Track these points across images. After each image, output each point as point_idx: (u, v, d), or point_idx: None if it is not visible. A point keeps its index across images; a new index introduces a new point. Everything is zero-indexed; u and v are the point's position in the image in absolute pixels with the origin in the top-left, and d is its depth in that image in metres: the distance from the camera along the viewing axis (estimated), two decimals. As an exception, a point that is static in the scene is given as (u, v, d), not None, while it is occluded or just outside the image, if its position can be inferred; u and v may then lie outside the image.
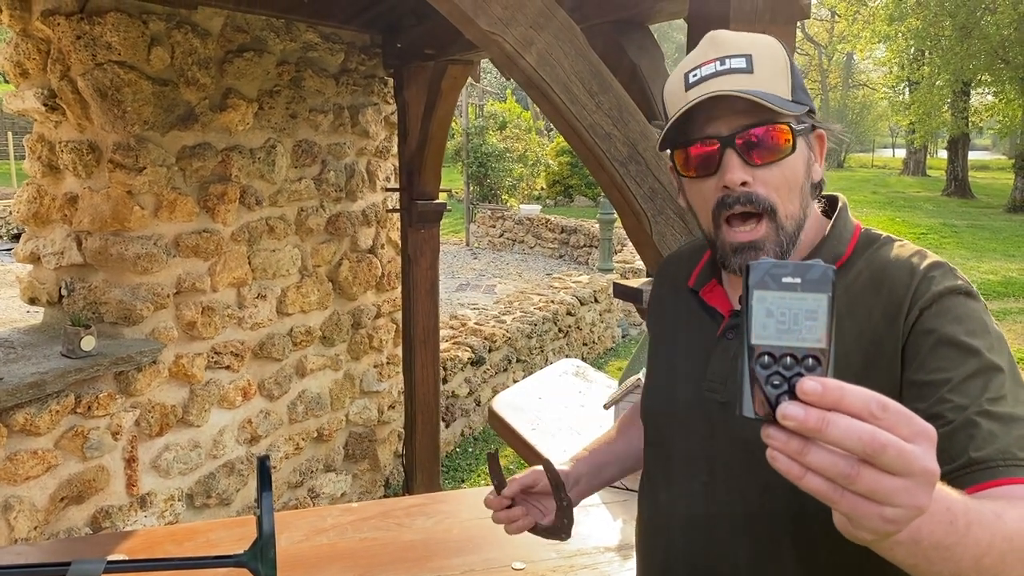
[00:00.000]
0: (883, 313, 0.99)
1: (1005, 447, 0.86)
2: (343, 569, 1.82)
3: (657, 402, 1.22)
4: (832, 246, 1.08)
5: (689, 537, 1.12)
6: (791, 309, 0.64)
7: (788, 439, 0.63)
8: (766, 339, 0.64)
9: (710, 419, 1.11)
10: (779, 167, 1.03)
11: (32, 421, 2.97)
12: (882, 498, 0.62)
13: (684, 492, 1.13)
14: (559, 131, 1.92)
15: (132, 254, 3.34)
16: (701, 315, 1.18)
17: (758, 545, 1.06)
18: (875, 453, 0.60)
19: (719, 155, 1.03)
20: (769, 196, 1.03)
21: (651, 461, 1.24)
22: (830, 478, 0.62)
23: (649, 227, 1.88)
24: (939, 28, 23.06)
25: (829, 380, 0.62)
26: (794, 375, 0.63)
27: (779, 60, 1.05)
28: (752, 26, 1.85)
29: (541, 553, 1.90)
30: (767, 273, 0.64)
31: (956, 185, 26.30)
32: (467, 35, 1.81)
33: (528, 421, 2.75)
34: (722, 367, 1.11)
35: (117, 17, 3.18)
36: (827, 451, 0.61)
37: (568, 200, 20.30)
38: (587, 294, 7.88)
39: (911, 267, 1.01)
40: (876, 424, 0.60)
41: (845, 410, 0.61)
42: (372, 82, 4.61)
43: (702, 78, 1.03)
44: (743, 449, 1.06)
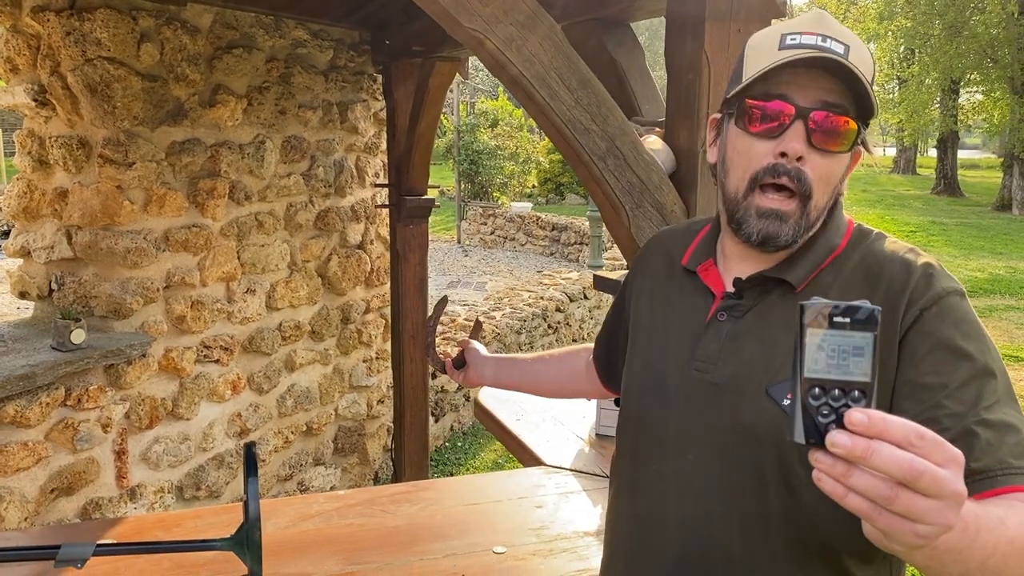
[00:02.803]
0: (885, 300, 1.03)
1: (1002, 457, 0.93)
2: (329, 554, 1.87)
3: (643, 380, 1.24)
4: (828, 238, 1.12)
5: (678, 513, 1.14)
6: (840, 346, 0.70)
7: (834, 463, 0.69)
8: (817, 372, 0.71)
9: (698, 398, 1.13)
10: (830, 159, 1.06)
11: (22, 413, 3.00)
12: (916, 517, 0.68)
13: (671, 470, 1.15)
14: (540, 127, 1.96)
15: (122, 248, 3.38)
16: (694, 294, 1.20)
17: (746, 520, 1.08)
18: (913, 479, 0.66)
19: (789, 122, 1.04)
20: (813, 179, 1.05)
21: (632, 439, 1.25)
22: (871, 499, 0.69)
23: (627, 220, 1.92)
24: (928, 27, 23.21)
25: (874, 412, 0.68)
26: (842, 406, 0.70)
27: (868, 64, 1.06)
28: (727, 24, 1.90)
29: (522, 538, 1.95)
30: (819, 312, 0.70)
31: (945, 183, 26.45)
32: (451, 34, 1.85)
33: (513, 412, 2.80)
34: (711, 348, 1.13)
35: (107, 13, 3.20)
36: (869, 475, 0.68)
37: (559, 198, 20.37)
38: (576, 291, 7.93)
39: (907, 264, 1.05)
40: (913, 451, 0.67)
41: (887, 439, 0.67)
42: (361, 79, 4.65)
43: (801, 44, 1.04)
44: (731, 428, 1.09)
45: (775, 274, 1.11)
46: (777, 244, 1.08)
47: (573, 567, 1.82)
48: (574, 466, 2.36)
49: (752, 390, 1.08)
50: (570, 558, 1.86)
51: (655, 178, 1.93)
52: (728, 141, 1.13)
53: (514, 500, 2.15)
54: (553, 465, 2.36)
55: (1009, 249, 15.34)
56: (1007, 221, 20.01)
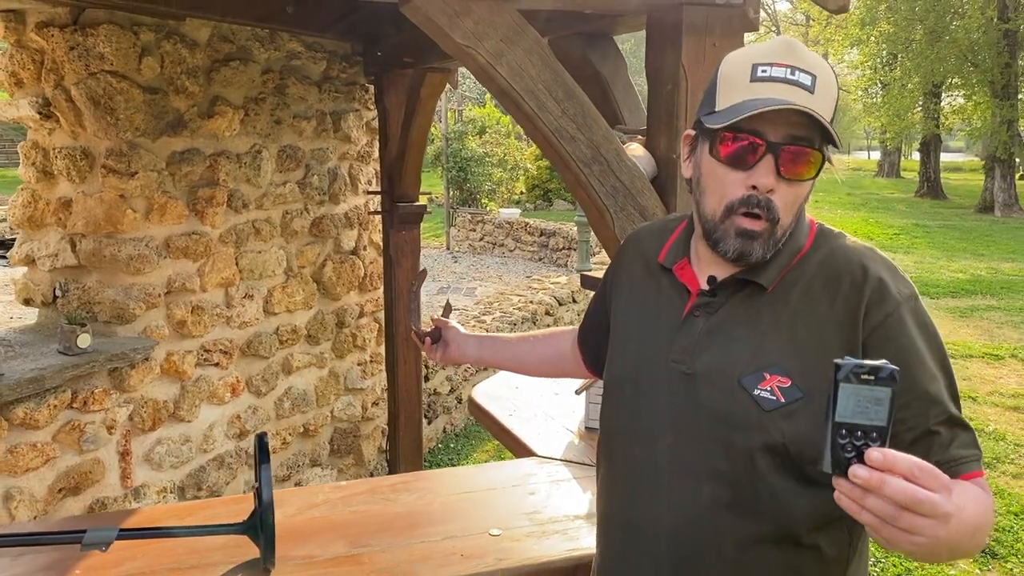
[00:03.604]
0: (845, 303, 1.16)
1: (955, 452, 1.12)
2: (335, 538, 1.98)
3: (624, 371, 1.35)
4: (794, 240, 1.23)
5: (657, 493, 1.25)
6: (865, 397, 0.89)
7: (852, 488, 0.90)
8: (845, 418, 0.90)
9: (675, 388, 1.24)
10: (797, 186, 1.17)
11: (31, 415, 3.10)
12: (915, 532, 0.88)
13: (651, 454, 1.26)
14: (528, 135, 2.09)
15: (125, 255, 3.49)
16: (670, 291, 1.31)
17: (718, 498, 1.19)
18: (913, 504, 0.87)
19: (760, 156, 1.15)
20: (780, 207, 1.17)
21: (615, 425, 1.37)
22: (880, 517, 0.89)
23: (612, 222, 2.06)
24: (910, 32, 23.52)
25: (887, 451, 0.88)
26: (862, 444, 0.89)
27: (833, 88, 1.17)
28: (703, 39, 2.04)
29: (516, 522, 2.07)
30: (851, 371, 0.89)
31: (928, 186, 26.77)
32: (443, 48, 1.98)
33: (506, 409, 2.92)
34: (688, 341, 1.24)
35: (110, 29, 3.32)
36: (879, 499, 0.88)
37: (547, 204, 20.52)
38: (565, 295, 8.06)
39: (863, 275, 1.17)
40: (915, 482, 0.87)
41: (896, 472, 0.87)
42: (353, 89, 4.77)
43: (771, 77, 1.14)
44: (706, 415, 1.20)
45: (747, 276, 1.22)
46: (749, 261, 1.19)
47: (565, 547, 1.94)
48: (565, 456, 2.48)
49: (725, 381, 1.19)
50: (562, 539, 1.98)
51: (637, 183, 2.06)
52: (702, 164, 1.23)
53: (508, 488, 2.27)
54: (545, 456, 2.48)
55: (991, 250, 15.59)
56: (989, 223, 20.30)
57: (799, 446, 1.14)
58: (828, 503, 1.16)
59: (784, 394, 1.15)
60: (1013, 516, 4.82)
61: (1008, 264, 13.98)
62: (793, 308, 1.19)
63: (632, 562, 1.30)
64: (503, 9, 1.90)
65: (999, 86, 22.08)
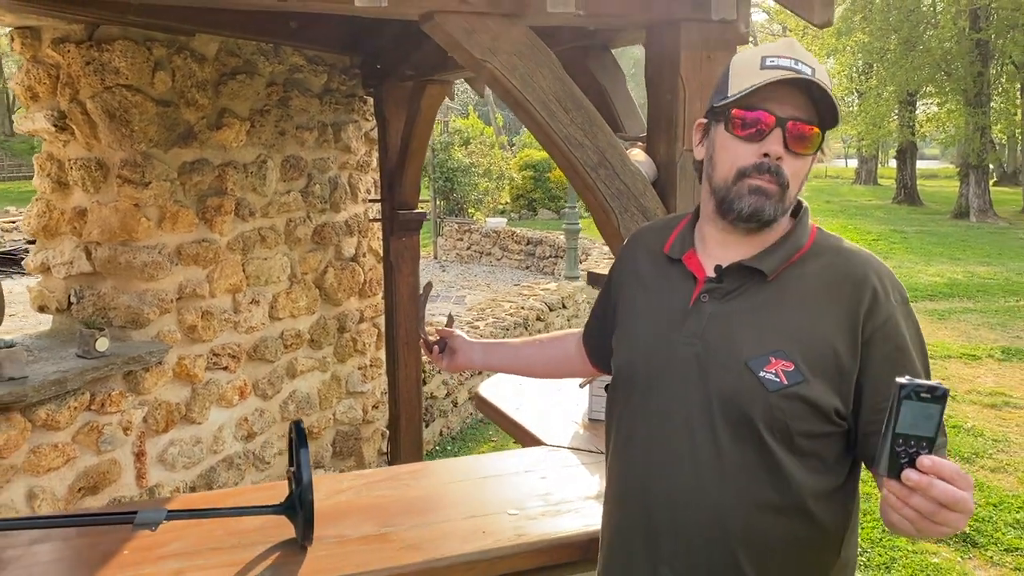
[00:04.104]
0: (847, 304, 1.31)
1: None
2: (362, 520, 2.12)
3: (635, 355, 1.47)
4: (797, 238, 1.38)
5: (668, 467, 1.38)
6: (921, 413, 1.05)
7: (901, 488, 1.06)
8: (903, 429, 1.06)
9: (685, 370, 1.37)
10: (801, 160, 1.34)
11: (53, 416, 3.22)
12: (946, 524, 1.06)
13: (662, 431, 1.39)
14: (540, 142, 2.25)
15: (140, 262, 3.61)
16: (678, 279, 1.44)
17: (727, 471, 1.32)
18: (952, 503, 1.04)
19: (770, 129, 1.31)
20: (788, 175, 1.33)
21: (626, 406, 1.49)
22: (921, 513, 1.06)
23: (617, 222, 2.21)
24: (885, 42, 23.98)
25: (935, 458, 1.05)
26: (914, 452, 1.06)
27: (828, 83, 1.34)
28: (699, 52, 2.20)
29: (531, 503, 2.21)
30: (912, 390, 1.05)
31: (905, 193, 27.22)
32: (460, 61, 2.14)
33: (512, 403, 3.07)
34: (697, 325, 1.37)
35: (125, 44, 3.45)
36: (924, 499, 1.05)
37: (532, 213, 20.72)
38: (555, 300, 8.23)
39: (862, 283, 1.32)
40: (954, 485, 1.04)
41: (941, 476, 1.04)
42: (353, 101, 4.92)
43: (778, 65, 1.31)
44: (715, 393, 1.33)
45: (751, 264, 1.36)
46: (761, 218, 1.34)
47: (579, 523, 2.09)
48: (572, 445, 2.63)
49: (733, 362, 1.33)
50: (575, 517, 2.13)
51: (639, 185, 2.23)
52: (716, 142, 1.38)
53: (521, 473, 2.41)
54: (553, 445, 2.63)
55: (967, 255, 15.93)
56: (964, 228, 20.70)
57: (798, 424, 1.29)
58: (826, 478, 1.33)
59: (787, 377, 1.29)
60: (992, 508, 5.01)
61: (983, 268, 14.31)
62: (796, 300, 1.34)
63: (645, 533, 1.41)
64: (516, 26, 2.06)
65: (972, 94, 22.56)
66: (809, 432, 1.30)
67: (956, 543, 4.58)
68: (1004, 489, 5.30)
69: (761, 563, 1.33)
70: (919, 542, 4.58)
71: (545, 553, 2.01)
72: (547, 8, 1.96)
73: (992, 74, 23.01)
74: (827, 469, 1.34)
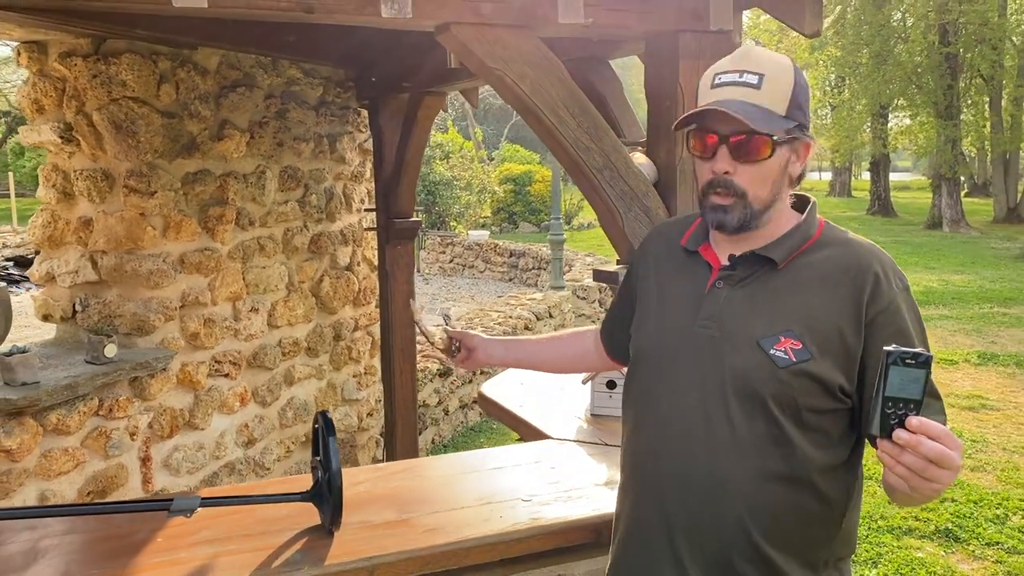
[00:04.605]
0: (851, 293, 1.41)
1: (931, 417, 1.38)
2: (383, 507, 2.21)
3: (655, 337, 1.58)
4: (805, 228, 1.50)
5: (685, 441, 1.46)
6: (907, 377, 1.15)
7: (892, 447, 1.16)
8: (892, 392, 1.15)
9: (701, 349, 1.47)
10: (756, 166, 1.43)
11: (63, 421, 3.28)
12: (936, 480, 1.15)
13: (680, 407, 1.48)
14: (548, 146, 2.37)
15: (145, 270, 3.69)
16: (695, 268, 1.55)
17: (740, 443, 1.42)
18: (939, 459, 1.13)
19: (716, 147, 1.43)
20: (743, 184, 1.43)
21: (645, 384, 1.58)
22: (911, 470, 1.15)
23: (622, 222, 2.33)
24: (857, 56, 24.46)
25: (923, 418, 1.14)
26: (903, 413, 1.15)
27: (785, 82, 1.42)
28: (696, 61, 2.33)
29: (543, 489, 2.31)
30: (898, 356, 1.15)
31: (879, 204, 27.68)
32: (472, 70, 2.26)
33: (516, 401, 3.17)
34: (713, 309, 1.48)
35: (131, 58, 3.54)
36: (914, 456, 1.14)
37: (513, 227, 20.87)
38: (542, 310, 8.34)
39: (866, 270, 1.43)
40: (941, 443, 1.13)
41: (928, 435, 1.13)
42: (347, 113, 5.03)
43: (723, 83, 1.43)
44: (729, 371, 1.43)
45: (763, 252, 1.48)
46: (726, 229, 1.46)
47: (589, 508, 2.19)
48: (577, 438, 2.74)
49: (745, 342, 1.43)
50: (586, 502, 2.23)
51: (642, 187, 2.35)
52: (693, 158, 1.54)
53: (531, 464, 2.51)
54: (559, 438, 2.74)
55: (941, 264, 16.26)
56: (938, 238, 21.10)
57: (805, 399, 1.40)
58: (831, 453, 1.44)
59: (796, 355, 1.39)
60: (972, 504, 5.17)
61: (958, 276, 14.61)
62: (805, 285, 1.45)
63: (660, 507, 1.51)
64: (526, 37, 2.19)
65: (942, 107, 23.05)
66: (816, 408, 1.41)
67: (939, 538, 4.73)
68: (984, 487, 5.45)
69: (769, 533, 1.42)
70: (904, 537, 4.72)
71: (559, 535, 2.12)
72: (559, 19, 2.07)
73: (961, 87, 23.53)
74: (832, 445, 1.44)
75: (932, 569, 4.37)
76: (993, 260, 16.86)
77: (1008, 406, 7.12)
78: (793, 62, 1.48)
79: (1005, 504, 5.13)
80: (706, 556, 1.45)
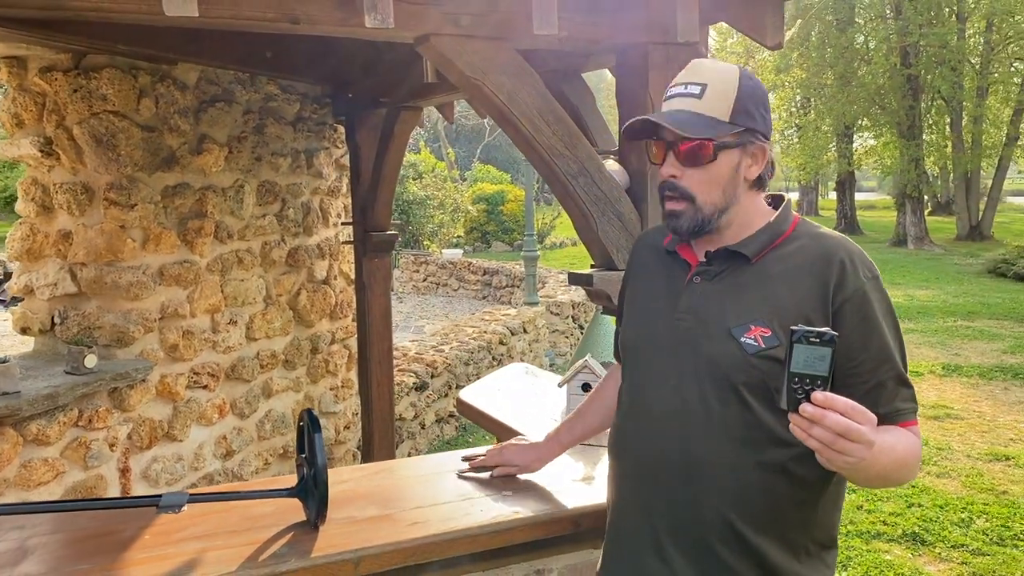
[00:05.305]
0: (817, 281, 1.49)
1: (897, 405, 1.48)
2: (366, 504, 2.26)
3: (638, 332, 1.69)
4: (776, 225, 1.59)
5: (666, 425, 1.55)
6: (812, 354, 1.21)
7: (802, 420, 1.22)
8: (798, 368, 1.21)
9: (680, 340, 1.56)
10: (703, 170, 1.53)
11: (43, 431, 3.29)
12: (846, 453, 1.21)
13: (661, 394, 1.57)
14: (524, 154, 2.46)
15: (125, 282, 3.72)
16: (675, 267, 1.65)
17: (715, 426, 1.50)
18: (846, 432, 1.20)
19: (664, 154, 1.55)
20: (691, 188, 1.54)
21: (632, 374, 1.69)
22: (822, 442, 1.21)
23: (596, 226, 2.42)
24: (822, 77, 24.99)
25: (828, 393, 1.21)
26: (810, 388, 1.21)
27: (727, 90, 1.50)
28: (664, 72, 2.43)
29: (524, 486, 2.38)
30: (802, 335, 1.21)
31: (846, 223, 28.16)
32: (451, 80, 2.35)
33: (493, 406, 3.24)
34: (690, 302, 1.57)
35: (112, 72, 3.60)
36: (822, 429, 1.21)
37: (486, 245, 20.97)
38: (516, 325, 8.42)
39: (832, 261, 1.51)
40: (848, 416, 1.20)
41: (834, 409, 1.20)
42: (324, 128, 5.10)
43: (672, 95, 1.54)
44: (704, 359, 1.52)
45: (736, 248, 1.57)
46: (680, 231, 1.58)
47: (568, 502, 2.25)
48: (553, 438, 2.81)
49: (719, 331, 1.52)
50: (565, 496, 2.28)
51: (615, 192, 2.44)
52: None
53: (510, 462, 2.58)
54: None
55: (906, 280, 16.61)
56: (903, 255, 21.52)
57: (775, 382, 1.46)
58: None
59: (764, 341, 1.48)
60: (938, 509, 5.30)
61: (922, 292, 14.94)
62: (775, 277, 1.54)
63: (642, 492, 1.60)
64: (503, 48, 2.28)
65: (905, 127, 23.60)
66: None
67: (907, 542, 4.85)
68: (949, 492, 5.59)
69: (746, 514, 1.50)
70: (872, 540, 4.83)
71: (540, 527, 2.18)
72: (534, 30, 2.17)
73: (923, 108, 24.10)
74: None
75: (900, 571, 4.48)
76: (956, 276, 17.25)
77: (971, 415, 7.30)
78: (742, 70, 1.56)
79: (970, 508, 5.27)
80: (686, 540, 1.53)
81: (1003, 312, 12.48)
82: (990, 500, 5.40)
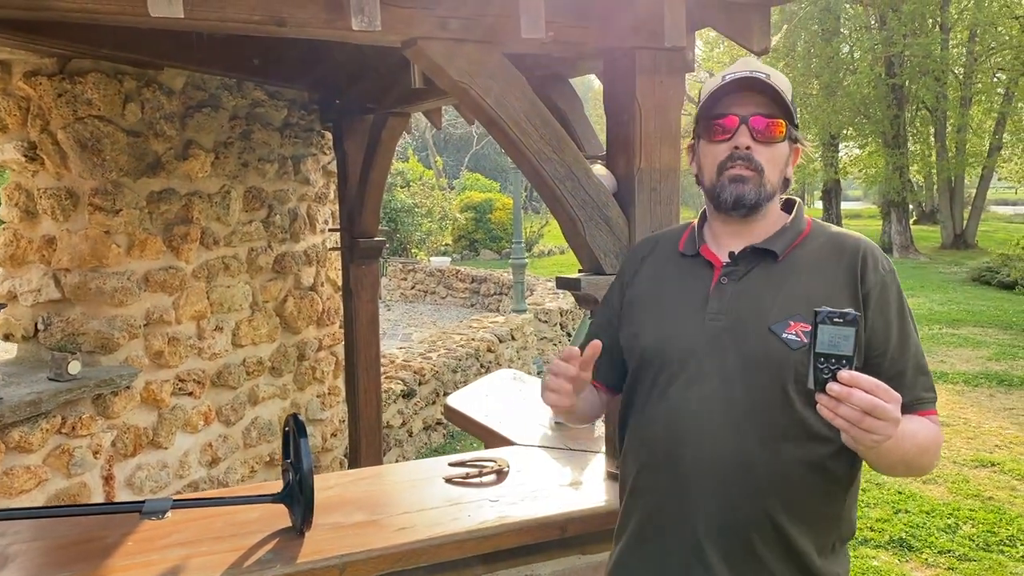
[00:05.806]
0: (845, 273, 1.53)
1: (918, 393, 1.50)
2: (353, 510, 2.25)
3: (663, 337, 1.61)
4: (796, 224, 1.63)
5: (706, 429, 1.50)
6: (837, 335, 1.23)
7: (829, 400, 1.23)
8: (823, 349, 1.24)
9: (713, 342, 1.54)
10: (772, 148, 1.57)
11: (26, 438, 3.25)
12: (873, 431, 1.22)
13: (699, 396, 1.52)
14: (512, 158, 2.46)
15: (110, 288, 3.69)
16: (695, 270, 1.64)
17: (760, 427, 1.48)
18: (872, 410, 1.21)
19: (736, 127, 1.55)
20: (761, 161, 1.56)
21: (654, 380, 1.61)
22: (848, 421, 1.22)
23: (583, 230, 2.42)
24: (808, 87, 25.14)
25: (854, 372, 1.22)
26: (836, 368, 1.23)
27: (785, 86, 1.57)
28: (652, 77, 2.44)
29: (512, 490, 2.37)
30: (826, 316, 1.24)
31: (832, 231, 28.24)
32: (439, 84, 2.34)
33: (480, 412, 3.23)
34: (721, 303, 1.56)
35: (97, 77, 3.57)
36: (848, 407, 1.22)
37: (474, 254, 20.96)
38: (504, 332, 8.41)
39: (857, 251, 1.55)
40: (874, 395, 1.21)
41: (860, 388, 1.21)
42: (311, 135, 5.09)
43: (735, 77, 1.56)
44: (743, 360, 1.51)
45: (763, 246, 1.59)
46: (745, 202, 1.56)
47: (555, 507, 2.25)
48: (542, 444, 2.80)
49: (756, 330, 1.51)
50: (551, 502, 2.29)
51: (603, 196, 2.44)
52: (701, 152, 1.63)
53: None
54: (524, 444, 2.80)
55: (891, 287, 16.67)
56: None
57: None
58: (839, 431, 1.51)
59: (806, 336, 1.45)
60: (925, 515, 5.31)
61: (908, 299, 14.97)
62: (804, 272, 1.56)
63: (680, 498, 1.54)
64: (490, 52, 2.27)
65: (890, 136, 23.78)
66: None
67: (894, 547, 4.85)
68: (935, 498, 5.61)
69: (791, 512, 1.49)
70: (860, 547, 4.84)
71: (527, 532, 2.18)
72: (521, 34, 2.17)
73: (907, 117, 24.29)
74: None
75: (887, 576, 4.49)
76: (941, 284, 17.35)
77: (957, 421, 7.33)
78: None
79: (956, 514, 5.28)
80: (729, 541, 1.50)
81: (987, 320, 12.56)
82: (976, 506, 5.42)
